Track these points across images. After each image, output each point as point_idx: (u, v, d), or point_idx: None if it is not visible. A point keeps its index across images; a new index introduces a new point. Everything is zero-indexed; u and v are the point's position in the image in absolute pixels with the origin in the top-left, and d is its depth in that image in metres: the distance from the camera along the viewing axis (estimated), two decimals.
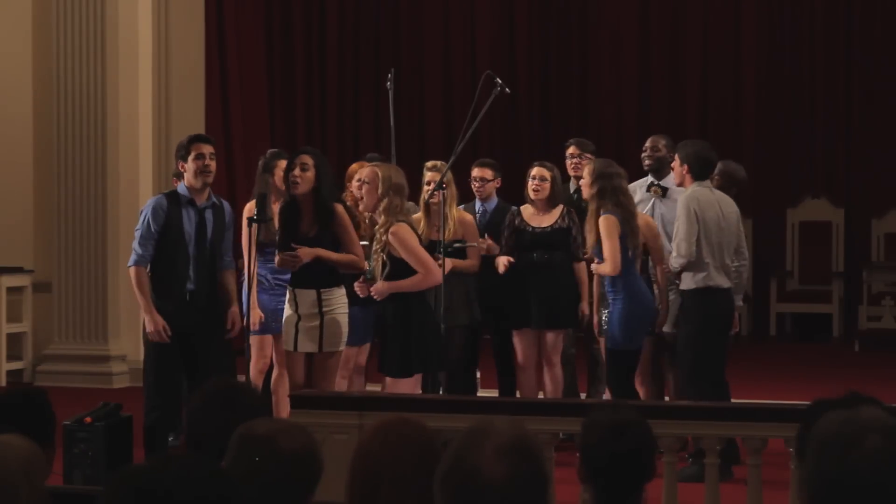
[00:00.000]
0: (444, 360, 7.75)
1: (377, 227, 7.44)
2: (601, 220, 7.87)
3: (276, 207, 7.95)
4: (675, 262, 7.93)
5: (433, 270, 7.36)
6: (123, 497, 2.38)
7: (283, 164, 7.92)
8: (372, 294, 7.45)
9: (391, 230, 7.28)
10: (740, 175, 8.60)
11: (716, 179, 8.26)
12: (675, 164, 8.10)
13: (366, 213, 7.89)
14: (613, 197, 7.88)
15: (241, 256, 8.14)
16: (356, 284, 7.60)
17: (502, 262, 8.62)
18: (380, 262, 7.41)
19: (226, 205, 7.82)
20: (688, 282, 7.94)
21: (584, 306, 8.62)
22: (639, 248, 7.94)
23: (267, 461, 3.05)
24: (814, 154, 15.02)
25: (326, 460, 3.19)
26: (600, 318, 8.20)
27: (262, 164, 8.45)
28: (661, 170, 8.67)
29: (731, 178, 8.52)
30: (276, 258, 7.43)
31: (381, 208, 7.37)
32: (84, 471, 7.30)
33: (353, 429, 5.97)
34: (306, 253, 7.28)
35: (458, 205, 8.74)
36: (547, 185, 8.70)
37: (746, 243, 8.56)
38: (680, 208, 7.95)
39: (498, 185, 9.18)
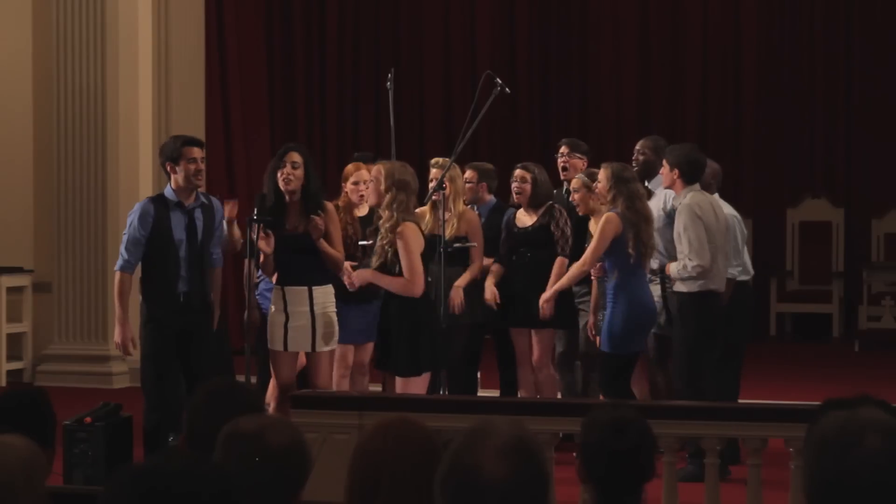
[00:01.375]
0: (447, 358, 7.73)
1: (381, 222, 7.37)
2: (602, 218, 7.86)
3: None
4: (692, 269, 7.76)
5: (417, 283, 7.26)
6: (124, 494, 2.38)
7: None
8: (350, 279, 7.40)
9: (399, 229, 7.24)
10: (713, 167, 8.49)
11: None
12: (665, 168, 8.05)
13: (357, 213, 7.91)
14: (628, 201, 7.83)
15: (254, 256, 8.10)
16: (346, 277, 7.53)
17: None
18: (382, 258, 7.32)
19: (215, 202, 7.76)
20: (687, 285, 7.88)
21: (543, 298, 8.30)
22: (646, 254, 7.87)
23: (256, 457, 3.04)
24: (814, 154, 15.02)
25: (326, 460, 3.18)
26: (597, 320, 8.16)
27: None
28: (647, 172, 8.65)
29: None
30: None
31: (385, 203, 7.32)
32: (84, 471, 7.31)
33: (353, 429, 5.96)
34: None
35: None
36: (527, 186, 8.67)
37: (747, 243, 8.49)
38: (684, 216, 7.83)
39: (484, 189, 9.03)
